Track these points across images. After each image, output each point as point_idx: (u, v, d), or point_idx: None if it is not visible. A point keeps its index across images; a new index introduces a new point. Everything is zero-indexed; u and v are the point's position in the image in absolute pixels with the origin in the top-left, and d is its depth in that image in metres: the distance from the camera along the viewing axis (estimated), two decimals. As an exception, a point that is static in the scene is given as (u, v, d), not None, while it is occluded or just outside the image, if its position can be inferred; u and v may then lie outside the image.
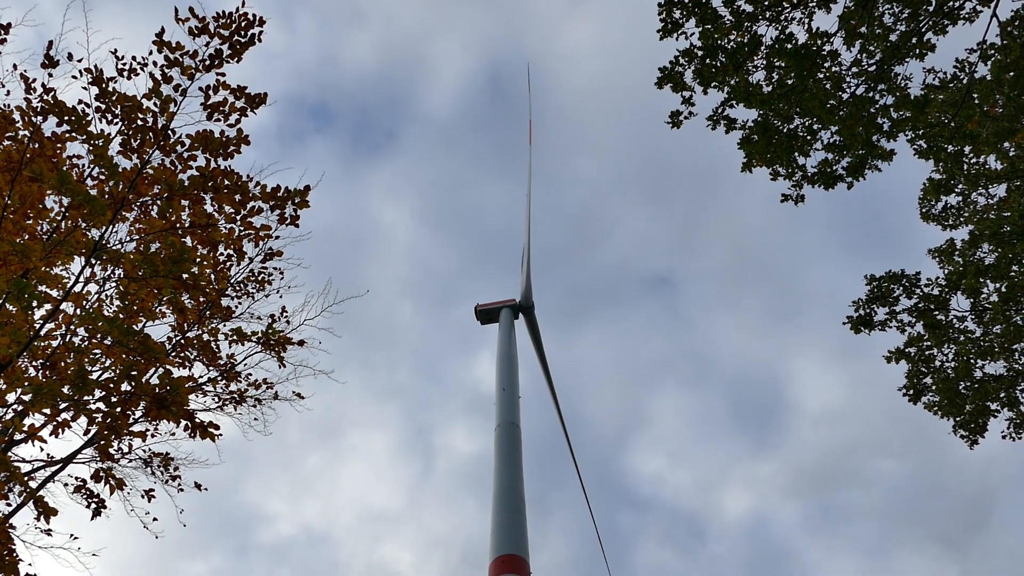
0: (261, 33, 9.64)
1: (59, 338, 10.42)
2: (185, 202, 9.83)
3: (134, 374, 8.35)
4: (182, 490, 13.83)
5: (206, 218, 10.00)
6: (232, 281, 13.35)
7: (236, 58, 9.58)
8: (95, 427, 8.61)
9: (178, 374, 10.83)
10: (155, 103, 9.40)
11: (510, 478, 20.12)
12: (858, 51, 11.25)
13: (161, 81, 9.47)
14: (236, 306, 13.61)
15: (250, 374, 14.15)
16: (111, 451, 11.22)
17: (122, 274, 10.62)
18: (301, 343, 13.59)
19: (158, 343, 8.96)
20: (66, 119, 9.40)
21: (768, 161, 12.30)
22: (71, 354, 9.55)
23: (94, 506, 11.61)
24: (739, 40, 10.93)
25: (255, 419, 14.79)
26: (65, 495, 12.18)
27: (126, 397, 8.42)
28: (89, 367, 10.24)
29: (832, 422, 72.53)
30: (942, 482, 67.57)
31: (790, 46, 10.85)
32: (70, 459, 12.11)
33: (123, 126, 9.59)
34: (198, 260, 10.82)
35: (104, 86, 9.69)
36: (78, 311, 10.34)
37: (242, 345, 12.25)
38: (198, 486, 13.89)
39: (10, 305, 8.43)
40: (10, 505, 10.63)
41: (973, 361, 16.42)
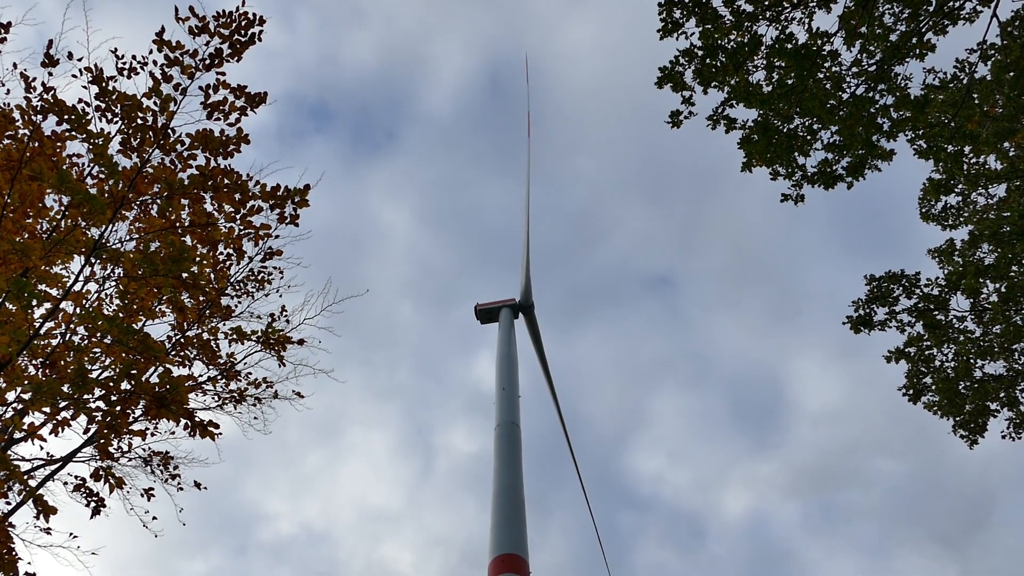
0: (261, 32, 9.65)
1: (59, 337, 10.43)
2: (185, 201, 9.84)
3: (134, 373, 8.36)
4: (182, 489, 13.86)
5: (206, 217, 10.01)
6: (232, 280, 13.37)
7: (236, 57, 9.59)
8: (95, 426, 8.63)
9: (178, 373, 10.84)
10: (155, 102, 9.41)
11: (510, 477, 20.13)
12: (858, 51, 11.25)
13: (161, 80, 9.48)
14: (236, 305, 13.62)
15: (250, 373, 14.18)
16: (111, 450, 11.24)
17: (122, 273, 10.62)
18: (301, 342, 13.62)
19: (158, 342, 8.97)
20: (66, 118, 9.41)
21: (768, 161, 12.30)
22: (71, 353, 9.56)
23: (93, 505, 11.60)
24: (739, 40, 10.93)
25: (255, 418, 14.81)
26: (64, 494, 12.19)
27: (126, 396, 8.42)
28: (89, 366, 10.28)
29: (832, 422, 72.57)
30: (942, 482, 67.66)
31: (790, 46, 10.86)
32: (70, 458, 12.12)
33: (123, 125, 9.60)
34: (198, 259, 10.82)
35: (104, 85, 9.70)
36: (78, 310, 10.35)
37: (242, 344, 12.30)
38: (197, 485, 13.91)
39: (10, 304, 8.43)
40: (10, 504, 10.64)
41: (973, 361, 16.43)
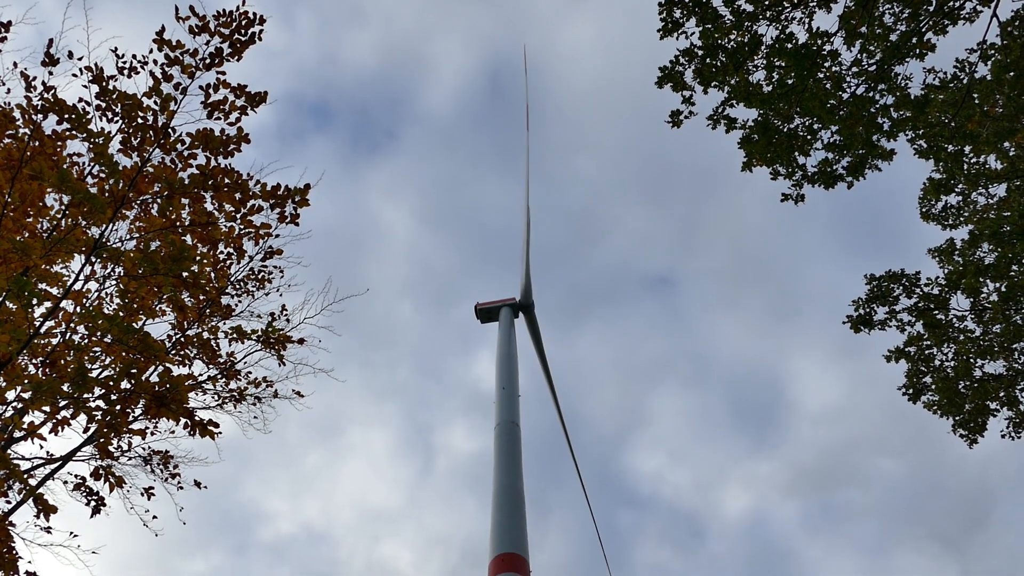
0: (261, 32, 9.64)
1: (59, 336, 10.44)
2: (185, 200, 9.84)
3: (134, 372, 8.37)
4: (182, 488, 13.87)
5: (206, 216, 10.02)
6: (232, 279, 13.39)
7: (236, 56, 9.59)
8: (95, 425, 8.64)
9: (178, 372, 10.87)
10: (155, 101, 9.41)
11: (510, 477, 20.11)
12: (858, 51, 11.26)
13: (161, 79, 9.48)
14: (236, 304, 13.65)
15: (250, 372, 14.21)
16: (111, 449, 11.25)
17: (122, 272, 10.63)
18: (301, 341, 13.64)
19: (158, 341, 8.97)
20: (66, 117, 9.41)
21: (768, 161, 12.31)
22: (71, 352, 9.56)
23: (94, 504, 11.61)
24: (739, 40, 10.94)
25: (255, 417, 14.85)
26: (65, 493, 12.20)
27: (126, 395, 8.43)
28: (89, 365, 10.26)
29: (832, 421, 72.50)
30: (941, 481, 67.58)
31: (790, 46, 10.86)
32: (70, 457, 12.13)
33: (123, 124, 9.60)
34: (198, 258, 10.81)
35: (104, 84, 9.71)
36: (78, 309, 10.35)
37: (242, 343, 12.32)
38: (197, 484, 13.92)
39: (10, 303, 8.44)
40: (10, 503, 10.65)
41: (973, 360, 16.43)
